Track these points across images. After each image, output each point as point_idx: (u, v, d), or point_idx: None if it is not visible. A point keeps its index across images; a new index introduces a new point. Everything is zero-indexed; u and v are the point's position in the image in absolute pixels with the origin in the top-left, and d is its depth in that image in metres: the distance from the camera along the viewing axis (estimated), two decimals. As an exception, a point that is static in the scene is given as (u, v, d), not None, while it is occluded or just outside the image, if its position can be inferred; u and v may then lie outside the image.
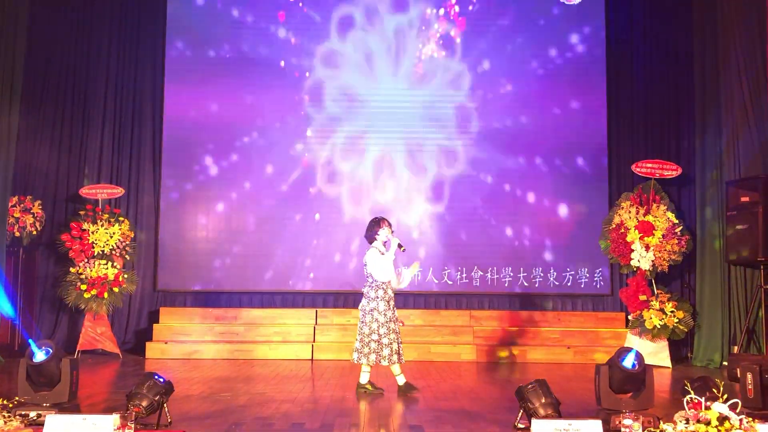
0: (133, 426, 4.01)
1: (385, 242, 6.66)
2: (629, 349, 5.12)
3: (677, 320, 8.64)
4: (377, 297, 6.53)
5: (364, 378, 6.59)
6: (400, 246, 6.61)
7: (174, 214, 10.02)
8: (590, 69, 10.13)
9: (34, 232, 9.16)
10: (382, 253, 6.57)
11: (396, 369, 6.58)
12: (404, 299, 10.03)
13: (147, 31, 10.21)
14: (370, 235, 6.68)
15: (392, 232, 6.70)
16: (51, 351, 4.96)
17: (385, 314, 6.50)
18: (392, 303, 6.60)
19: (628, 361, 4.99)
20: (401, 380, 6.59)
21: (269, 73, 10.14)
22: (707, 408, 4.13)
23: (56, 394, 4.90)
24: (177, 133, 10.07)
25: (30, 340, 5.07)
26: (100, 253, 9.20)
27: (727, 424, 4.02)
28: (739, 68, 8.51)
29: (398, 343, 6.55)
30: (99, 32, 10.05)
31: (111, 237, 9.23)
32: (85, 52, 10.01)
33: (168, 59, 10.12)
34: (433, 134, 10.12)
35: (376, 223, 6.69)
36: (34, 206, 9.17)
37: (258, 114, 10.12)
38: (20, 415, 4.56)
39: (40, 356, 4.93)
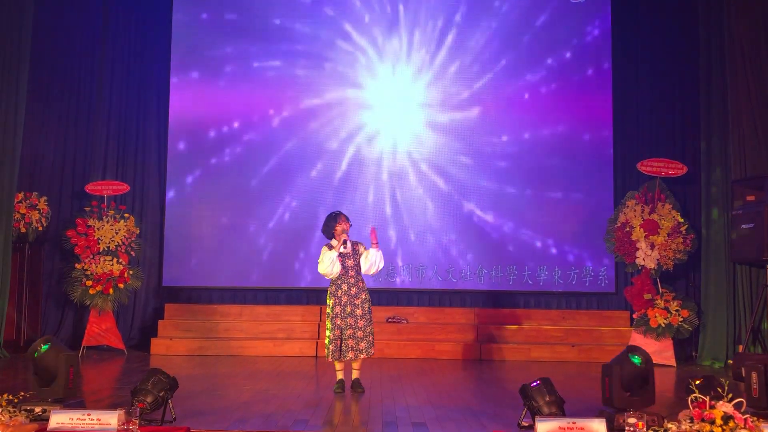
0: (137, 422, 4.02)
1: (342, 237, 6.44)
2: (637, 348, 5.09)
3: (682, 319, 8.63)
4: (329, 292, 6.49)
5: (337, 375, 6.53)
6: (344, 243, 6.39)
7: (179, 211, 10.03)
8: (596, 67, 10.12)
9: (40, 228, 9.19)
10: (331, 249, 6.43)
11: (336, 365, 6.52)
12: (408, 296, 10.05)
13: (153, 25, 10.23)
14: (326, 230, 6.56)
15: (344, 228, 6.47)
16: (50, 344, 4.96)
17: (333, 309, 6.42)
18: (346, 299, 6.40)
19: (636, 359, 4.96)
20: (339, 375, 6.51)
21: (276, 68, 10.16)
22: (712, 407, 4.12)
23: (53, 390, 4.92)
24: (183, 129, 10.10)
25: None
26: (106, 249, 9.23)
27: (731, 423, 4.01)
28: (745, 65, 8.48)
29: (341, 340, 6.35)
30: (105, 27, 10.09)
31: (116, 233, 9.25)
32: (91, 46, 10.05)
33: (174, 52, 10.15)
34: (438, 132, 10.12)
35: (332, 218, 6.55)
36: (40, 202, 9.19)
37: (266, 108, 10.14)
38: (25, 410, 4.57)
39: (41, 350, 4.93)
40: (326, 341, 6.44)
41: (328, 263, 6.37)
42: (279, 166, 10.09)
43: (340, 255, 6.41)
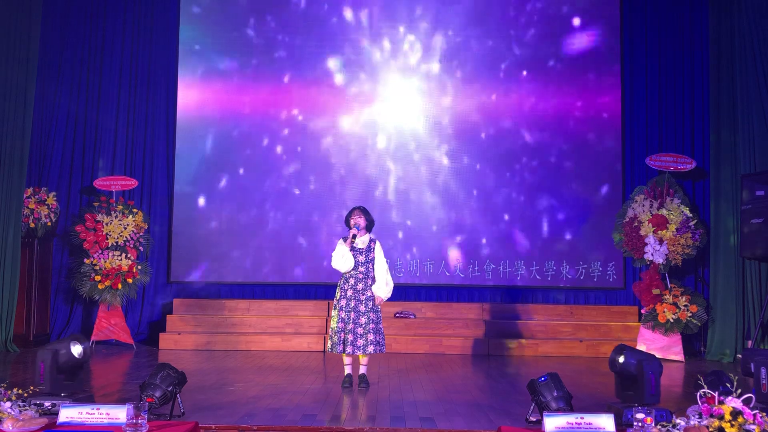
0: (146, 416, 4.04)
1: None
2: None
3: (690, 314, 8.60)
4: (338, 285, 6.54)
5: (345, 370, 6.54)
6: (353, 237, 6.44)
7: (187, 206, 10.06)
8: (604, 60, 10.08)
9: (49, 224, 9.23)
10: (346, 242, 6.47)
11: (344, 360, 6.52)
12: (416, 292, 10.05)
13: (160, 19, 10.24)
14: (346, 222, 6.60)
15: (356, 222, 6.48)
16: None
17: (338, 302, 6.46)
18: (351, 293, 6.41)
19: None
20: (347, 370, 6.52)
21: (283, 68, 10.17)
22: (720, 402, 4.10)
23: (78, 383, 4.96)
24: (191, 124, 10.12)
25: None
26: (114, 244, 9.26)
27: (740, 419, 4.00)
28: (755, 59, 8.43)
29: (345, 333, 6.37)
30: (113, 21, 10.11)
31: (125, 228, 9.28)
32: (100, 41, 10.07)
33: (182, 47, 10.17)
34: (445, 126, 10.11)
35: (350, 212, 6.61)
36: (48, 198, 9.23)
37: (275, 105, 10.14)
38: (35, 404, 4.59)
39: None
40: (330, 333, 6.48)
41: (339, 258, 6.43)
42: (286, 162, 10.10)
43: (353, 249, 6.44)
